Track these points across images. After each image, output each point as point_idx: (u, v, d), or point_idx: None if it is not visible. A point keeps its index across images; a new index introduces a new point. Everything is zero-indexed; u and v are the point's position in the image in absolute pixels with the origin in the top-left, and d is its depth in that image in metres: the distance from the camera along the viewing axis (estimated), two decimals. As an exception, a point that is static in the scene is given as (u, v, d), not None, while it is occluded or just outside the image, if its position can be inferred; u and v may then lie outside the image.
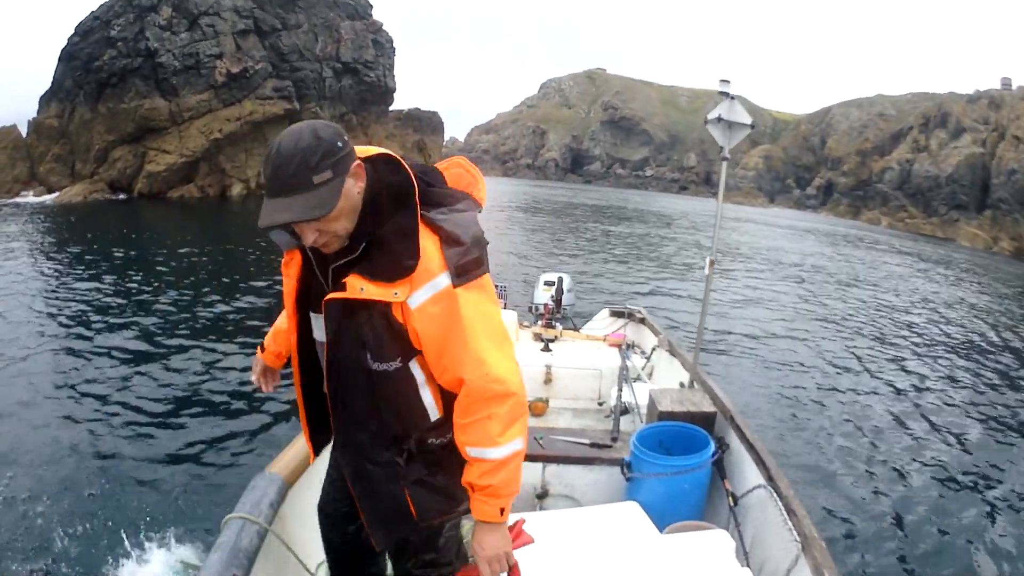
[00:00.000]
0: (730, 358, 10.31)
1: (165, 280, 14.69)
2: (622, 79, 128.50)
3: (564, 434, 4.06)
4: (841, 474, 6.31)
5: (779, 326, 13.21)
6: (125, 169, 35.04)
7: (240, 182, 37.89)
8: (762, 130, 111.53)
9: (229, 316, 11.87)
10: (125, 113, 35.26)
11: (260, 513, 2.62)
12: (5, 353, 9.10)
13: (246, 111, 38.12)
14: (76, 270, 15.55)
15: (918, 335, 13.39)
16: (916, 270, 27.67)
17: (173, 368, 8.88)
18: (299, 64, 41.61)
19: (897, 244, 41.66)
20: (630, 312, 6.69)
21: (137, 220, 27.45)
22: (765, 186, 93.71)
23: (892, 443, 7.28)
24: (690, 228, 37.96)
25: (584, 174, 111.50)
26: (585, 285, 15.95)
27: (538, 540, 2.70)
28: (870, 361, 10.99)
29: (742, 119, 4.34)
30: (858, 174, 78.00)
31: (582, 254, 22.29)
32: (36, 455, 6.19)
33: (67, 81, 37.94)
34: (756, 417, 7.23)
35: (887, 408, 8.52)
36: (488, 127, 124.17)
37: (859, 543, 5.08)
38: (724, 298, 15.18)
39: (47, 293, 13.02)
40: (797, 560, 2.74)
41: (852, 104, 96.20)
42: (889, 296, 19.03)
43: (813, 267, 24.20)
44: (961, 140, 63.64)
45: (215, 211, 31.38)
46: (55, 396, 7.73)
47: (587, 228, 32.92)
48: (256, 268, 16.73)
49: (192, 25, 36.75)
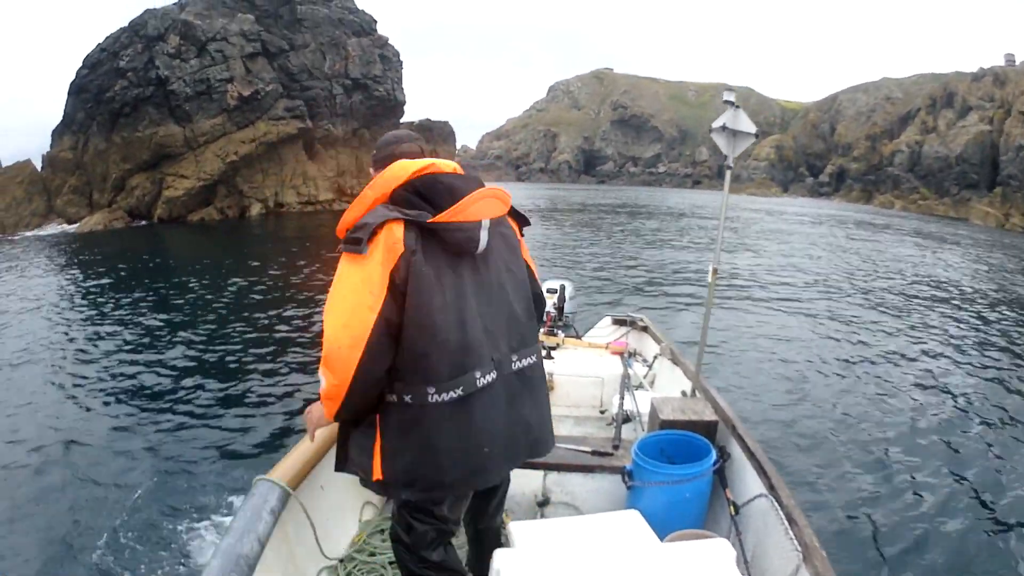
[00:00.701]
0: (735, 363, 10.03)
1: (192, 299, 15.15)
2: (629, 78, 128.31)
3: (566, 442, 4.01)
4: (843, 483, 6.15)
5: (787, 325, 12.74)
6: (143, 196, 35.43)
7: (258, 202, 38.19)
8: (771, 120, 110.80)
9: (261, 328, 12.32)
10: (140, 141, 35.66)
11: (261, 520, 2.61)
12: (40, 375, 9.76)
13: (260, 132, 38.42)
14: (104, 294, 15.99)
15: (936, 336, 12.50)
16: (928, 255, 26.79)
17: (218, 378, 9.45)
18: (309, 83, 41.89)
19: (909, 226, 40.87)
20: (632, 320, 6.68)
21: (160, 244, 27.94)
22: (778, 176, 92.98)
23: (899, 451, 6.98)
24: (702, 222, 37.64)
25: (597, 174, 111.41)
26: (595, 284, 15.83)
27: (539, 548, 2.70)
28: (882, 362, 10.50)
29: (746, 128, 4.29)
30: (869, 159, 77.15)
31: (590, 258, 22.20)
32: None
33: (79, 114, 38.55)
34: (758, 425, 7.07)
35: (897, 413, 8.12)
36: (499, 133, 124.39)
37: (861, 553, 5.00)
38: (731, 296, 14.76)
39: (79, 317, 13.49)
40: (798, 570, 2.71)
41: (859, 89, 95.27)
42: (902, 285, 18.28)
43: (823, 259, 23.46)
44: (968, 119, 62.78)
45: (235, 232, 31.76)
46: (103, 411, 8.33)
47: (601, 229, 32.72)
48: (282, 283, 17.16)
49: (201, 51, 37.15)
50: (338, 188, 43.83)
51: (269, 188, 38.83)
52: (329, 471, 3.40)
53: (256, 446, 7.18)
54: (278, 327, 12.34)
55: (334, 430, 2.76)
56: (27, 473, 6.59)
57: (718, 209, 4.52)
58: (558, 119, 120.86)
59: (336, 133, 43.98)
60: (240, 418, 7.97)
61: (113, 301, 15.06)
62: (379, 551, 3.33)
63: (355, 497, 3.69)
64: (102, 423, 7.98)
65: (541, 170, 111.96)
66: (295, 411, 8.12)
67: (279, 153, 39.59)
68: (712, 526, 3.46)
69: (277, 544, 2.78)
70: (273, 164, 39.37)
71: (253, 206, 37.82)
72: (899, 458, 6.76)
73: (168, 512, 5.67)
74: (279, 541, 2.83)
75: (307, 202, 40.74)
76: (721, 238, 4.51)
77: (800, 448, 6.86)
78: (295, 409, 8.17)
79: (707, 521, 3.53)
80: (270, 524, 2.65)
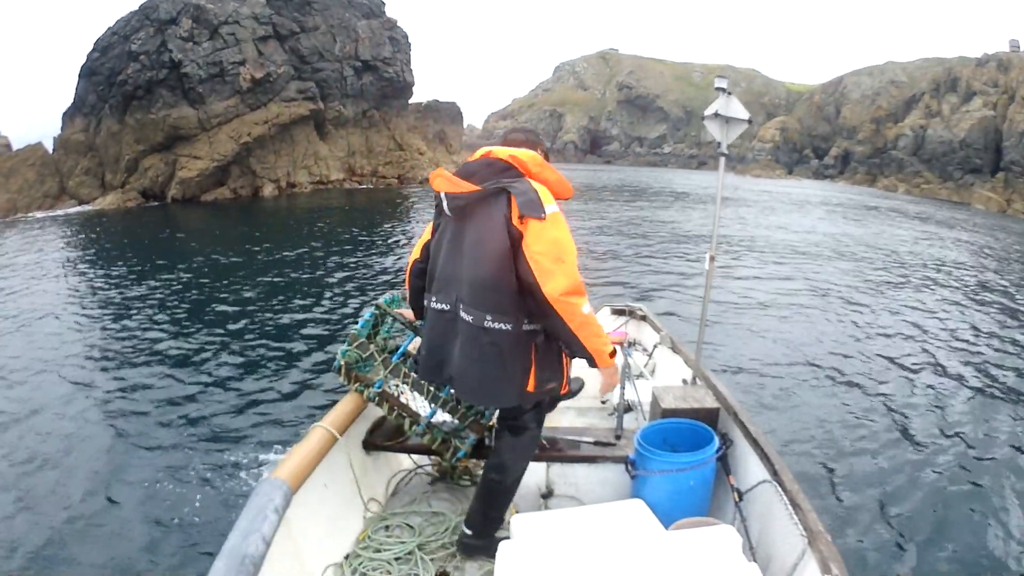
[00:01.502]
0: (736, 348, 9.91)
1: (205, 276, 15.35)
2: (635, 58, 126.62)
3: (568, 433, 4.04)
4: (847, 467, 6.11)
5: (787, 310, 12.54)
6: (157, 177, 35.40)
7: (271, 182, 38.18)
8: (776, 102, 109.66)
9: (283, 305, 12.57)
10: (154, 123, 35.60)
11: (265, 519, 2.57)
12: (56, 351, 9.93)
13: (273, 114, 38.37)
14: (122, 270, 16.25)
15: (935, 317, 12.39)
16: (928, 238, 26.36)
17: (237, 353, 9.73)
18: (320, 65, 41.74)
19: (912, 210, 40.19)
20: (631, 310, 6.55)
21: (174, 222, 28.00)
22: (783, 158, 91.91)
23: (901, 434, 6.95)
24: (703, 203, 37.40)
25: (603, 154, 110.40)
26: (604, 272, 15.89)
27: (543, 539, 2.74)
28: (885, 343, 10.41)
29: (739, 115, 4.22)
30: (874, 142, 76.13)
31: (596, 241, 22.07)
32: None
33: (90, 96, 38.45)
34: (759, 411, 7.03)
35: (898, 397, 8.04)
36: (505, 113, 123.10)
37: (866, 537, 4.96)
38: (728, 285, 14.46)
39: (96, 295, 13.70)
40: (804, 554, 2.70)
41: (863, 72, 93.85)
42: (901, 270, 17.93)
43: (822, 244, 22.91)
44: (972, 104, 61.83)
45: (249, 211, 31.83)
46: (109, 387, 8.52)
47: (607, 210, 32.60)
48: (297, 260, 17.35)
49: (213, 35, 36.99)
50: (349, 168, 43.80)
51: (281, 168, 38.80)
52: (333, 469, 3.46)
53: (273, 420, 7.35)
54: (294, 300, 12.66)
55: (330, 429, 3.38)
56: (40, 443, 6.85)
57: (727, 190, 4.56)
58: (564, 99, 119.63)
59: (347, 114, 43.87)
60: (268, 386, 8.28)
61: (129, 276, 15.29)
62: (384, 547, 3.29)
63: (359, 494, 3.67)
64: (121, 395, 8.21)
65: (547, 150, 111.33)
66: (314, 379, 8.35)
67: (291, 134, 39.56)
68: (716, 513, 3.45)
69: (282, 543, 2.75)
70: (285, 145, 39.33)
71: (266, 186, 37.78)
72: (903, 440, 6.75)
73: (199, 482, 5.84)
74: (284, 540, 2.80)
75: (319, 182, 40.73)
76: (717, 225, 4.45)
77: (803, 432, 6.81)
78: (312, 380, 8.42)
79: (711, 508, 3.50)
80: (275, 523, 2.61)
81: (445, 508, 3.70)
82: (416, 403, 3.73)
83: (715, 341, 9.90)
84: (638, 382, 4.66)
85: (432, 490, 3.89)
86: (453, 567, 3.20)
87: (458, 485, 4.00)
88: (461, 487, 3.98)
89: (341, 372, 3.71)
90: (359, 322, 3.80)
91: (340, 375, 3.72)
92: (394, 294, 4.02)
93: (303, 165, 40.24)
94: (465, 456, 3.72)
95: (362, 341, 3.73)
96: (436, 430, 3.68)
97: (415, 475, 4.07)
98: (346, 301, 13.02)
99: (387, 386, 3.69)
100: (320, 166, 41.23)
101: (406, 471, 4.09)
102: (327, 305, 12.72)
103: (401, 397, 3.72)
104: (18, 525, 5.38)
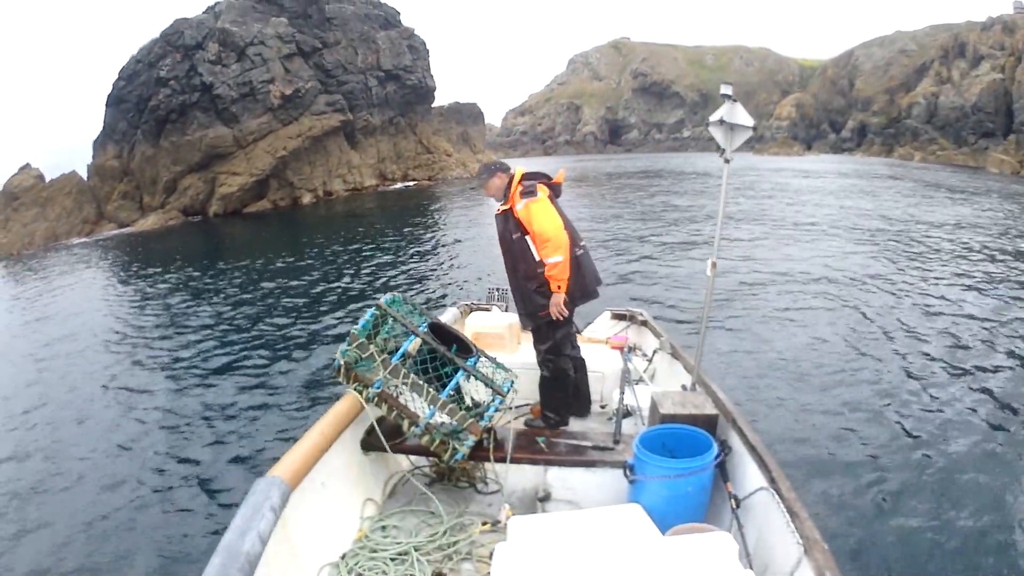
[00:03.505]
0: (734, 349, 9.19)
1: (255, 279, 15.90)
2: (647, 45, 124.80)
3: (566, 437, 3.95)
4: (845, 476, 5.76)
5: (793, 305, 11.51)
6: (197, 195, 36.13)
7: (309, 192, 38.82)
8: (790, 79, 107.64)
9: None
10: (190, 144, 36.29)
11: (262, 517, 2.49)
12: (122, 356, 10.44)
13: (305, 127, 38.93)
14: (166, 282, 16.78)
15: (943, 313, 10.81)
16: (939, 209, 23.99)
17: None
18: (344, 78, 42.13)
19: (927, 178, 37.94)
20: (632, 315, 6.37)
21: (217, 235, 28.67)
22: (801, 134, 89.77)
23: (902, 442, 6.42)
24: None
25: (623, 143, 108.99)
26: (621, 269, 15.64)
27: (540, 542, 2.67)
28: (886, 348, 9.19)
29: (744, 121, 4.07)
30: (888, 112, 74.18)
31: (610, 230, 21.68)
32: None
33: (120, 123, 39.21)
34: (758, 417, 6.64)
35: (900, 405, 7.29)
36: (522, 109, 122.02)
37: (862, 545, 4.78)
38: (732, 281, 12.98)
39: (146, 305, 14.30)
40: (800, 562, 2.60)
41: (873, 44, 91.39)
42: (911, 256, 15.56)
43: (833, 226, 20.50)
44: (980, 68, 59.82)
45: (290, 219, 32.34)
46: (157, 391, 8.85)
47: (629, 200, 32.11)
48: (336, 260, 17.76)
49: (240, 56, 37.56)
50: (380, 174, 44.23)
51: (317, 178, 39.36)
52: (330, 468, 3.37)
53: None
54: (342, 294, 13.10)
55: (328, 429, 3.41)
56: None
57: (742, 171, 4.37)
58: (580, 91, 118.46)
59: (374, 122, 44.27)
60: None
61: (176, 287, 15.78)
62: (381, 547, 3.19)
63: (356, 493, 3.58)
64: (175, 394, 8.53)
65: (567, 143, 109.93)
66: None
67: (324, 145, 40.07)
68: (714, 520, 3.35)
69: (279, 541, 2.68)
70: (319, 156, 39.87)
71: (304, 196, 38.42)
72: (903, 448, 6.30)
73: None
74: (281, 538, 2.74)
75: (353, 188, 41.25)
76: (719, 232, 4.29)
77: (801, 440, 6.44)
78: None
79: (709, 515, 3.39)
80: (272, 521, 2.53)
81: (442, 509, 3.59)
82: (415, 404, 3.62)
83: (716, 341, 9.26)
84: (637, 387, 4.54)
85: (430, 491, 3.77)
86: (449, 568, 3.13)
87: (456, 487, 3.92)
88: (459, 489, 3.90)
89: (340, 372, 3.64)
90: (360, 322, 3.72)
91: (339, 375, 3.65)
92: (395, 295, 3.94)
93: (337, 174, 40.73)
94: (463, 458, 3.60)
95: (362, 341, 3.65)
96: (435, 431, 3.57)
97: (412, 476, 3.95)
98: (346, 304, 13.09)
99: (387, 387, 3.60)
100: (354, 174, 41.69)
101: (404, 472, 4.00)
102: (348, 308, 12.79)
103: (400, 398, 3.63)
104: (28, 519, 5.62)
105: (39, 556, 5.10)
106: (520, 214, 4.06)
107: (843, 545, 4.67)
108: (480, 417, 3.65)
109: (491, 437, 3.75)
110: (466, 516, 3.57)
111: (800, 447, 6.26)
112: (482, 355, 4.04)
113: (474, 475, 3.95)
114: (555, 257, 3.98)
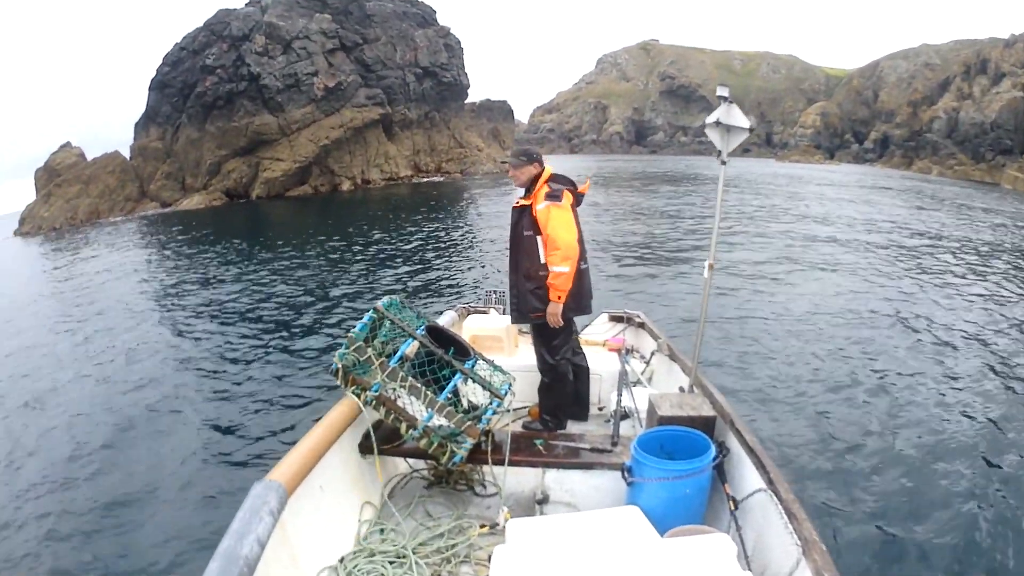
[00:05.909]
0: (736, 346, 8.96)
1: (296, 256, 16.21)
2: (676, 48, 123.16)
3: (564, 439, 3.83)
4: (843, 477, 5.59)
5: (793, 307, 11.22)
6: (240, 179, 36.78)
7: (348, 179, 39.44)
8: (816, 87, 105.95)
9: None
10: (236, 130, 36.95)
11: (260, 521, 2.42)
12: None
13: (346, 119, 39.44)
14: (212, 257, 17.23)
15: (942, 320, 10.57)
16: (952, 226, 22.57)
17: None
18: (384, 73, 42.44)
19: (941, 193, 36.50)
20: (629, 317, 6.13)
21: (262, 216, 29.15)
22: (824, 143, 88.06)
23: (901, 444, 6.23)
24: (752, 190, 35.98)
25: (648, 144, 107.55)
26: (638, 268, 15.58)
27: (538, 545, 2.60)
28: (885, 351, 8.92)
29: (740, 123, 3.93)
30: (911, 125, 72.51)
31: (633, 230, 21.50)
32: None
33: (164, 107, 39.91)
34: (757, 420, 6.48)
35: (900, 407, 7.10)
36: (550, 107, 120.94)
37: (860, 546, 4.64)
38: (730, 285, 12.67)
39: (192, 277, 14.71)
40: (798, 564, 2.51)
41: (899, 56, 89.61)
42: (912, 271, 14.60)
43: (839, 233, 19.89)
44: (1002, 85, 58.55)
45: (329, 204, 32.78)
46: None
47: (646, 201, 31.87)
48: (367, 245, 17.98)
49: (286, 49, 38.04)
50: (415, 165, 44.62)
51: (356, 167, 39.90)
52: (328, 472, 3.28)
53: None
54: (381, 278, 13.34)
55: (326, 432, 3.35)
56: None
57: (765, 176, 4.20)
58: (607, 91, 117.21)
59: (411, 116, 44.59)
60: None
61: (222, 260, 16.19)
62: (379, 551, 3.09)
63: (354, 497, 3.47)
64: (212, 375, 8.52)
65: (593, 142, 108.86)
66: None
67: (363, 136, 40.55)
68: (712, 521, 3.25)
69: (277, 545, 2.60)
70: (359, 146, 40.37)
71: (343, 183, 39.06)
72: (903, 450, 6.15)
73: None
74: (279, 542, 2.66)
75: (389, 178, 41.74)
76: (716, 234, 4.05)
77: (800, 441, 6.25)
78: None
79: (707, 516, 3.29)
80: (270, 525, 2.45)
81: (440, 512, 3.52)
82: (413, 407, 3.50)
83: (714, 342, 8.98)
84: (635, 389, 4.39)
85: (428, 494, 3.69)
86: (448, 571, 3.05)
87: (454, 490, 3.78)
88: (457, 492, 3.77)
89: (338, 375, 3.55)
90: (357, 325, 3.62)
91: (337, 378, 3.56)
92: (393, 298, 3.82)
93: (375, 164, 41.20)
94: (461, 460, 3.46)
95: (360, 344, 3.53)
96: (433, 434, 3.44)
97: (411, 479, 3.85)
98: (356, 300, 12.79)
99: (384, 390, 3.50)
100: (391, 164, 42.14)
101: (402, 475, 3.88)
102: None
103: (398, 401, 3.52)
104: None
105: (33, 558, 4.91)
106: (539, 214, 3.95)
107: (842, 546, 4.56)
108: (478, 420, 3.50)
109: (489, 440, 3.63)
110: (464, 519, 3.46)
111: (798, 448, 6.05)
112: (480, 358, 3.90)
113: (472, 478, 3.81)
114: (562, 267, 3.88)
